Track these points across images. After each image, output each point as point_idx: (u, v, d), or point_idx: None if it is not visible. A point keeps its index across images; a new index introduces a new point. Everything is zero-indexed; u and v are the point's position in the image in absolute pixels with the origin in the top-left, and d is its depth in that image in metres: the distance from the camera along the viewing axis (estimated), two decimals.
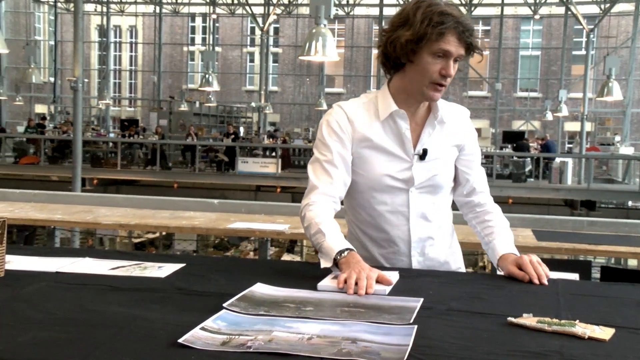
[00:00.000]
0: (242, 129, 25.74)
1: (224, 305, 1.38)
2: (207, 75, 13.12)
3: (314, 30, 5.53)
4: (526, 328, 1.29)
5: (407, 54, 1.78)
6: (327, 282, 1.62)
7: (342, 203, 1.96)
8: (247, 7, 27.38)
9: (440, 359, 1.11)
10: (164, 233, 15.69)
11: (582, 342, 1.21)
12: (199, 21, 34.61)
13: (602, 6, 24.51)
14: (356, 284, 1.54)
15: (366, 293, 1.52)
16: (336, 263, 1.68)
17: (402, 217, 1.91)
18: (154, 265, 1.79)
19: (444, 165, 1.91)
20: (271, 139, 22.21)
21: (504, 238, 1.90)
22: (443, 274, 1.82)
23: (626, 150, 19.65)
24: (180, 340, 1.13)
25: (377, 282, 1.58)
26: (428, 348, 1.16)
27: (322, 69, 29.90)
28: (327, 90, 32.09)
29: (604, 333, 1.26)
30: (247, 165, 18.59)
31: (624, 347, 1.20)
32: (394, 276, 1.71)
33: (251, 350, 1.12)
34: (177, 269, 1.75)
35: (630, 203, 17.90)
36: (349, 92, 32.03)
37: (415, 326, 1.27)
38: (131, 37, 35.44)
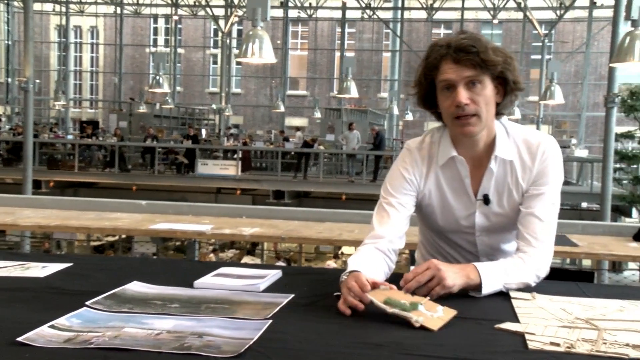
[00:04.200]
0: (204, 131, 25.59)
1: (87, 303, 1.39)
2: (157, 77, 13.03)
3: (250, 32, 5.56)
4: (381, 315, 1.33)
5: (430, 101, 1.73)
6: (204, 280, 1.65)
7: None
8: (209, 9, 27.26)
9: (279, 352, 1.14)
10: (123, 236, 15.56)
11: (420, 334, 1.25)
12: (161, 22, 34.36)
13: (557, 12, 24.99)
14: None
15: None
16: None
17: (470, 256, 1.85)
18: (38, 265, 1.79)
19: (510, 208, 1.75)
20: (232, 141, 22.14)
21: (499, 262, 1.68)
22: (325, 271, 1.85)
23: (581, 152, 20.04)
24: (19, 339, 1.14)
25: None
26: (273, 341, 1.19)
27: (285, 71, 29.92)
28: (291, 92, 32.17)
29: (441, 319, 1.32)
30: (207, 167, 18.51)
31: (460, 336, 1.25)
32: (277, 274, 1.74)
33: (92, 346, 1.13)
34: (61, 268, 1.76)
35: (584, 204, 18.27)
36: (312, 95, 32.07)
37: (269, 321, 1.30)
38: (92, 38, 35.03)
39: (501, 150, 1.72)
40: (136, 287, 1.58)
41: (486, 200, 1.75)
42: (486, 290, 1.54)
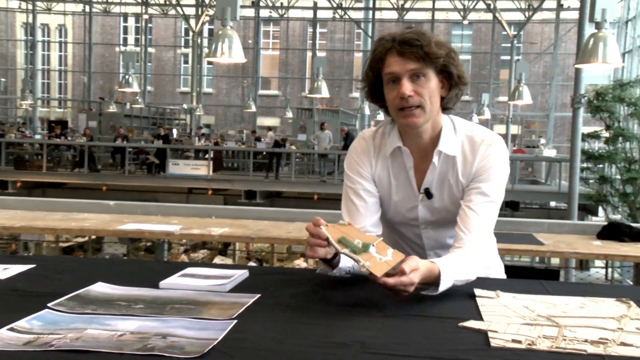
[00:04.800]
0: (175, 131, 25.41)
1: (49, 304, 1.37)
2: (127, 76, 12.90)
3: (220, 32, 5.53)
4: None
5: (377, 95, 1.76)
6: (170, 280, 1.64)
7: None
8: (179, 8, 27.07)
9: (243, 352, 1.14)
10: (93, 237, 15.36)
11: (385, 333, 1.26)
12: (131, 21, 34.02)
13: (526, 14, 25.31)
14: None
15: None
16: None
17: (418, 247, 1.88)
18: None
19: (452, 203, 1.78)
20: (204, 141, 22.02)
21: (447, 259, 1.65)
22: (293, 271, 1.85)
23: (549, 152, 20.32)
24: None
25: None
26: (237, 341, 1.19)
27: (256, 71, 29.84)
28: (263, 92, 32.09)
29: (387, 263, 1.40)
30: (178, 167, 18.39)
31: (424, 335, 1.26)
32: (244, 274, 1.74)
33: (52, 348, 1.11)
34: (23, 270, 1.73)
35: (553, 204, 18.54)
36: (284, 95, 32.03)
37: (234, 321, 1.29)
38: (60, 37, 34.53)
39: (445, 146, 1.75)
40: (100, 288, 1.56)
41: (428, 194, 1.78)
42: (441, 289, 1.53)
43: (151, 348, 1.12)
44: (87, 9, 29.97)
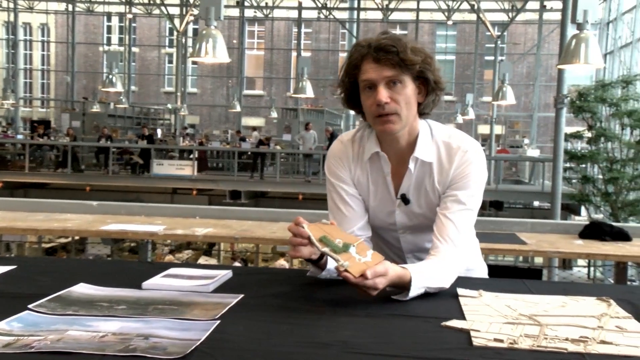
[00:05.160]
0: (159, 131, 25.31)
1: (30, 306, 1.36)
2: (110, 76, 12.82)
3: (204, 32, 5.50)
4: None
5: (354, 100, 1.75)
6: (152, 281, 1.63)
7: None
8: (164, 8, 26.95)
9: (226, 352, 1.14)
10: (76, 237, 15.25)
11: (367, 333, 1.27)
12: (115, 21, 33.81)
13: (509, 14, 25.47)
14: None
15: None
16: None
17: (397, 250, 1.88)
18: None
19: (429, 209, 1.77)
20: (188, 141, 21.95)
21: (421, 265, 1.63)
22: (276, 271, 1.84)
23: (533, 152, 20.47)
24: None
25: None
26: (220, 342, 1.18)
27: (241, 71, 29.78)
28: (247, 92, 32.02)
29: (366, 264, 1.43)
30: (163, 167, 18.32)
31: (406, 334, 1.27)
32: (227, 275, 1.73)
33: (33, 350, 1.11)
34: (4, 271, 1.71)
35: (537, 203, 18.67)
36: (269, 95, 31.98)
37: (217, 322, 1.29)
38: (43, 36, 34.25)
39: (421, 152, 1.74)
40: (82, 289, 1.55)
41: (405, 200, 1.77)
42: (412, 295, 1.53)
43: (133, 349, 1.12)
44: (70, 7, 29.76)
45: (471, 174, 1.72)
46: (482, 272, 2.01)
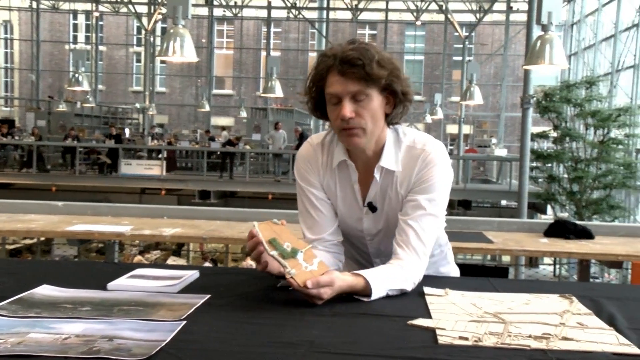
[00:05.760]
0: (127, 131, 25.04)
1: None
2: (76, 75, 12.64)
3: (171, 31, 5.46)
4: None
5: (321, 109, 1.72)
6: (118, 282, 1.61)
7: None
8: (131, 6, 26.65)
9: (192, 353, 1.13)
10: (42, 238, 14.99)
11: (334, 332, 1.27)
12: (81, 19, 33.29)
13: (477, 15, 25.75)
14: None
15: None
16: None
17: (365, 254, 1.88)
18: None
19: (394, 216, 1.74)
20: (156, 141, 21.75)
21: (380, 270, 1.63)
22: (243, 271, 1.84)
23: (500, 152, 20.71)
24: None
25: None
26: (186, 342, 1.18)
27: (210, 70, 29.59)
28: (217, 91, 31.83)
29: (312, 273, 1.44)
30: (131, 167, 18.14)
31: (373, 333, 1.27)
32: (194, 275, 1.72)
33: None
34: None
35: (504, 202, 18.90)
36: (238, 94, 31.85)
37: (183, 322, 1.28)
38: (6, 33, 33.60)
39: (386, 161, 1.72)
40: (45, 290, 1.53)
41: (372, 207, 1.77)
42: (374, 297, 1.53)
43: (97, 351, 1.11)
44: (34, 4, 29.23)
45: (433, 178, 1.70)
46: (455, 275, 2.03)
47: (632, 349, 1.18)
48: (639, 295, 1.69)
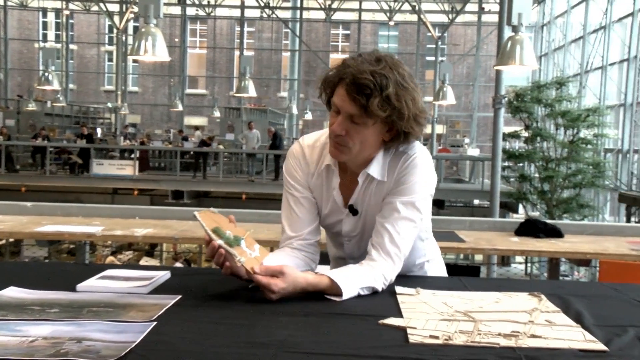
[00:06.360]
0: (99, 130, 24.77)
1: None
2: (46, 74, 12.47)
3: (143, 30, 5.41)
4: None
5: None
6: (87, 283, 1.60)
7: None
8: (103, 5, 26.37)
9: (162, 354, 1.12)
10: (11, 240, 14.76)
11: (305, 332, 1.27)
12: (51, 17, 32.83)
13: (450, 16, 25.96)
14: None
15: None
16: None
17: (342, 253, 1.90)
18: None
19: (374, 220, 1.74)
20: (129, 140, 21.55)
21: (347, 268, 1.65)
22: (215, 272, 1.83)
23: (473, 151, 20.88)
24: None
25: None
26: (156, 344, 1.17)
27: (183, 70, 29.41)
28: (190, 91, 31.66)
29: (257, 259, 1.50)
30: (103, 167, 17.95)
31: (344, 332, 1.28)
32: (165, 276, 1.71)
33: None
34: None
35: (477, 201, 19.09)
36: (212, 94, 31.68)
37: (154, 323, 1.27)
38: None
39: (374, 169, 1.71)
40: (12, 292, 1.50)
41: (353, 210, 1.78)
42: (346, 296, 1.54)
43: (64, 353, 1.09)
44: (2, 1, 28.75)
45: (412, 180, 1.69)
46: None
47: (598, 345, 1.20)
48: (606, 293, 1.71)
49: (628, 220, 14.09)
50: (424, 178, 1.71)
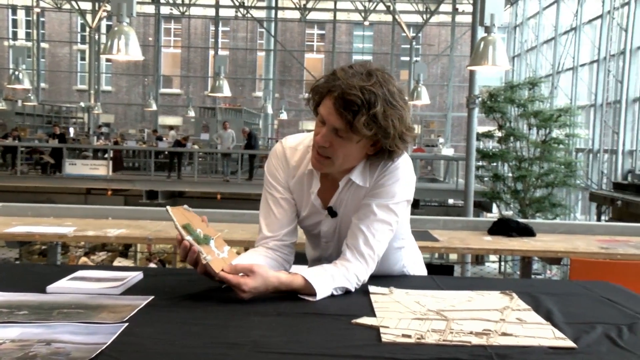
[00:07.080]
0: (72, 130, 24.48)
1: None
2: (16, 72, 12.28)
3: (116, 28, 5.35)
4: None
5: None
6: (58, 284, 1.58)
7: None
8: (75, 3, 26.05)
9: (134, 355, 1.12)
10: None
11: (278, 332, 1.27)
12: (21, 14, 32.34)
13: (424, 16, 26.11)
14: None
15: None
16: None
17: (319, 254, 1.89)
18: None
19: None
20: (103, 140, 21.33)
21: (320, 268, 1.65)
22: (188, 272, 1.82)
23: (447, 151, 21.01)
24: None
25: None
26: (127, 345, 1.16)
27: (157, 69, 29.18)
28: (164, 90, 31.42)
29: (224, 260, 1.50)
30: (76, 167, 17.74)
31: (317, 332, 1.28)
32: (137, 276, 1.70)
33: None
34: None
35: (451, 201, 19.22)
36: (186, 93, 31.49)
37: (125, 324, 1.26)
38: None
39: (356, 176, 1.70)
40: None
41: (332, 212, 1.77)
42: (320, 296, 1.54)
43: (33, 356, 1.08)
44: None
45: (389, 184, 1.68)
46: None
47: (567, 343, 1.22)
48: (576, 291, 1.74)
49: (598, 219, 14.31)
50: (402, 182, 1.70)
